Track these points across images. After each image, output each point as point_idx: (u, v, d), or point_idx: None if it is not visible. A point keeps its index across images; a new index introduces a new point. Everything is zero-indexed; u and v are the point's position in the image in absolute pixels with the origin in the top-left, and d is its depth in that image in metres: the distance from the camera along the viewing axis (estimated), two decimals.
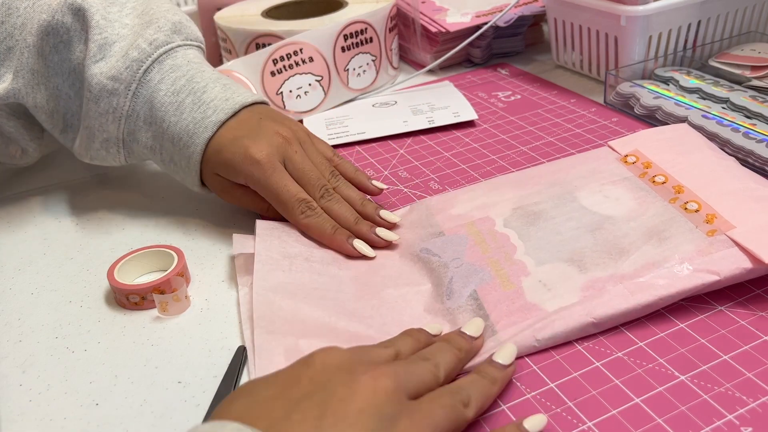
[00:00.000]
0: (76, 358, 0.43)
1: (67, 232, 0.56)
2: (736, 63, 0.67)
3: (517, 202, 0.50)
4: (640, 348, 0.39)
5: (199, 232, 0.54)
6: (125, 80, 0.51)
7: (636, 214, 0.46)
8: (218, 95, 0.51)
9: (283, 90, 0.68)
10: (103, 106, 0.51)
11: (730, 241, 0.41)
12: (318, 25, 0.71)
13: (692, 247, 0.42)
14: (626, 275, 0.41)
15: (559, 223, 0.46)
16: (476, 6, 0.83)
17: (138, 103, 0.51)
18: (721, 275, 0.40)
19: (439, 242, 0.47)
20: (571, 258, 0.43)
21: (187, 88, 0.51)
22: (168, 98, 0.51)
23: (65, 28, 0.52)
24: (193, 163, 0.50)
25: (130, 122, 0.52)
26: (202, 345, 0.43)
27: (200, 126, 0.50)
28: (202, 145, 0.50)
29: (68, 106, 0.54)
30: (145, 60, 0.51)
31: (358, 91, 0.75)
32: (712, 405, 0.35)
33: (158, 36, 0.51)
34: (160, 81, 0.51)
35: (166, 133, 0.51)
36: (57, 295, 0.49)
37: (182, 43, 0.53)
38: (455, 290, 0.43)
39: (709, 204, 0.45)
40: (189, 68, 0.52)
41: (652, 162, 0.51)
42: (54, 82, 0.53)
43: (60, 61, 0.53)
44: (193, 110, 0.50)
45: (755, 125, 0.57)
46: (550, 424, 0.35)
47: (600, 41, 0.70)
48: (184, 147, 0.50)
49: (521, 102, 0.71)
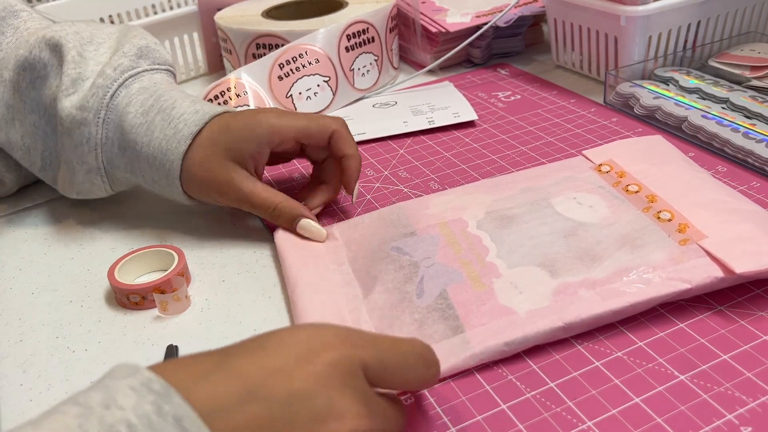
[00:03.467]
0: (76, 357, 0.43)
1: (67, 232, 0.56)
2: (735, 63, 0.67)
3: (491, 206, 0.49)
4: (640, 348, 0.39)
5: (199, 232, 0.54)
6: (93, 108, 0.50)
7: (609, 222, 0.46)
8: (187, 109, 0.50)
9: (292, 93, 0.68)
10: (76, 137, 0.50)
11: (701, 251, 0.42)
12: (318, 25, 0.71)
13: (664, 255, 0.42)
14: (598, 281, 0.41)
15: (532, 228, 0.46)
16: (476, 6, 0.83)
17: (110, 130, 0.50)
18: (693, 284, 0.40)
19: (411, 241, 0.47)
20: (544, 262, 0.43)
21: (156, 107, 0.50)
22: (137, 119, 0.50)
23: (42, 63, 0.51)
24: (172, 179, 0.49)
25: (106, 150, 0.51)
26: (202, 345, 0.43)
27: (173, 141, 0.49)
28: (179, 161, 0.49)
29: (46, 143, 0.53)
30: (111, 85, 0.50)
31: (363, 90, 0.75)
32: (712, 405, 0.35)
33: (123, 61, 0.51)
34: (128, 104, 0.50)
35: (141, 155, 0.50)
36: (57, 295, 0.49)
37: (149, 67, 0.52)
38: (425, 290, 0.43)
39: (681, 214, 0.45)
40: (156, 89, 0.51)
41: (626, 171, 0.51)
42: (30, 118, 0.53)
43: (37, 97, 0.52)
44: (164, 127, 0.49)
45: (755, 125, 0.57)
46: (551, 424, 0.35)
47: (600, 41, 0.70)
48: (160, 166, 0.49)
49: (521, 102, 0.71)
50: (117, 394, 0.24)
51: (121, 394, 0.24)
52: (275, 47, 0.72)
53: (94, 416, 0.24)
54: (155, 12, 0.95)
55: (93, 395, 0.25)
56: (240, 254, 0.51)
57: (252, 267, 0.50)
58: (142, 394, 0.24)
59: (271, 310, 0.45)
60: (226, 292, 0.47)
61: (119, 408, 0.24)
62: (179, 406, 0.24)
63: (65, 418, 0.23)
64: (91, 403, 0.24)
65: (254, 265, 0.50)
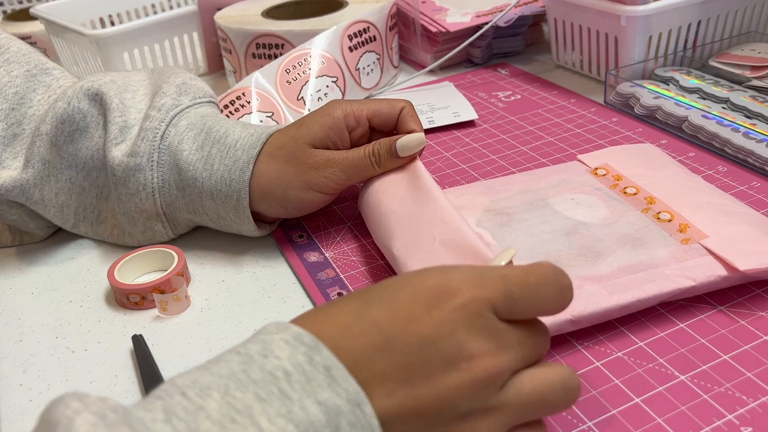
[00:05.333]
0: (76, 357, 0.43)
1: (67, 232, 0.56)
2: (736, 63, 0.67)
3: (489, 205, 0.49)
4: (640, 348, 0.39)
5: (199, 232, 0.54)
6: (145, 152, 0.48)
7: (610, 221, 0.46)
8: (241, 134, 0.49)
9: (303, 95, 0.68)
10: (132, 186, 0.49)
11: (703, 250, 0.42)
12: (318, 24, 0.71)
13: (667, 253, 0.42)
14: (603, 276, 0.41)
15: (532, 226, 0.46)
16: (476, 6, 0.83)
17: (165, 172, 0.49)
18: (697, 281, 0.40)
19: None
20: (547, 259, 0.43)
21: (210, 140, 0.49)
22: (193, 156, 0.48)
23: (82, 114, 0.50)
24: (241, 211, 0.48)
25: (164, 194, 0.49)
26: (202, 345, 0.43)
27: (234, 170, 0.47)
28: (245, 189, 0.47)
29: (81, 199, 0.52)
30: (159, 126, 0.49)
31: (368, 90, 0.75)
32: (712, 405, 0.35)
33: (166, 101, 0.50)
34: (180, 142, 0.49)
35: (204, 191, 0.48)
36: (57, 295, 0.49)
37: (191, 103, 0.51)
38: None
39: (681, 215, 0.45)
40: (204, 122, 0.50)
41: (622, 175, 0.51)
42: (67, 174, 0.51)
43: (75, 151, 0.51)
44: (222, 158, 0.48)
45: (755, 125, 0.57)
46: (551, 424, 0.35)
47: (600, 41, 0.70)
48: (225, 198, 0.48)
49: (521, 102, 0.71)
50: (273, 345, 0.28)
51: (276, 346, 0.28)
52: (275, 47, 0.72)
53: (255, 363, 0.27)
54: (155, 12, 0.95)
55: (251, 346, 0.28)
56: (240, 254, 0.51)
57: (252, 267, 0.50)
58: (295, 346, 0.28)
59: (271, 310, 0.45)
60: (226, 292, 0.47)
61: (276, 357, 0.27)
62: (328, 358, 0.27)
63: (230, 365, 0.27)
64: (251, 353, 0.28)
65: (254, 265, 0.50)
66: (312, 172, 0.48)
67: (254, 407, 0.26)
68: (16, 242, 0.54)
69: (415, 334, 0.29)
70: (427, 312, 0.29)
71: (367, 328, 0.29)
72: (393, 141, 0.49)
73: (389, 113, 0.50)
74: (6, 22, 0.98)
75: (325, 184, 0.48)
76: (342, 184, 0.49)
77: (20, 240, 0.54)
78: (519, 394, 0.30)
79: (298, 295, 0.46)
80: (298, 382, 0.27)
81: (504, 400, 0.29)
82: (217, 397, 0.26)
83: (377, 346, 0.28)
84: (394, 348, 0.28)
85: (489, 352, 0.29)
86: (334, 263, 0.49)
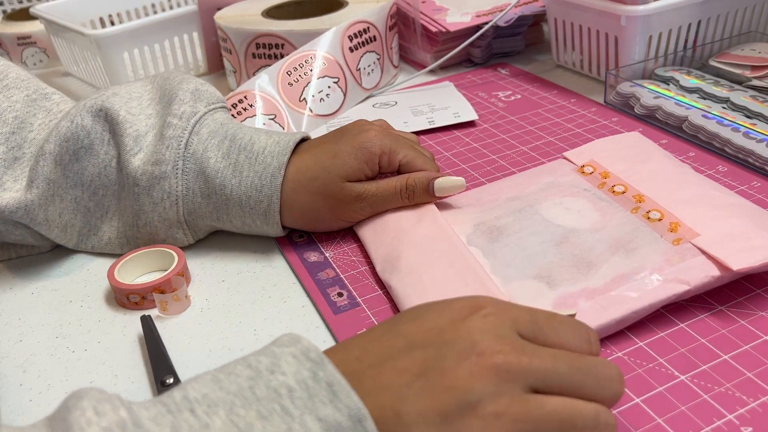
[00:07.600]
0: (76, 357, 0.43)
1: None
2: (736, 63, 0.67)
3: (478, 218, 0.49)
4: (640, 348, 0.39)
5: None
6: (170, 160, 0.48)
7: (600, 226, 0.46)
8: (267, 142, 0.49)
9: (305, 96, 0.68)
10: (157, 194, 0.49)
11: (696, 250, 0.41)
12: (318, 24, 0.71)
13: (660, 258, 0.42)
14: (597, 290, 0.40)
15: (523, 238, 0.46)
16: (476, 6, 0.83)
17: (189, 180, 0.49)
18: (691, 284, 0.40)
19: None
20: (539, 274, 0.43)
21: (235, 147, 0.49)
22: (220, 163, 0.49)
23: (86, 132, 0.49)
24: (271, 216, 0.48)
25: (187, 201, 0.49)
26: (202, 345, 0.43)
27: (265, 177, 0.48)
28: (277, 194, 0.48)
29: (86, 219, 0.51)
30: (183, 135, 0.49)
31: (369, 90, 0.75)
32: (713, 405, 0.35)
33: (185, 108, 0.50)
34: (205, 150, 0.49)
35: (232, 198, 0.48)
36: (57, 295, 0.49)
37: (206, 109, 0.51)
38: None
39: (671, 212, 0.45)
40: (225, 129, 0.50)
41: (609, 172, 0.51)
42: (72, 194, 0.50)
43: (80, 170, 0.50)
44: (251, 165, 0.48)
45: (755, 125, 0.56)
46: None
47: (600, 41, 0.70)
48: (255, 204, 0.48)
49: (521, 102, 0.71)
50: (281, 360, 0.29)
51: (284, 361, 0.29)
52: (275, 47, 0.72)
53: (261, 380, 0.28)
54: (155, 12, 0.95)
55: (262, 359, 0.29)
56: (240, 254, 0.51)
57: (252, 267, 0.50)
58: (301, 362, 0.29)
59: (271, 310, 0.45)
60: (226, 292, 0.47)
61: (282, 373, 0.28)
62: (331, 373, 0.28)
63: (239, 380, 0.28)
64: (260, 368, 0.29)
65: (254, 265, 0.50)
66: (342, 206, 0.49)
67: (255, 425, 0.27)
68: (13, 256, 0.54)
69: (437, 338, 0.30)
70: (451, 323, 0.31)
71: (394, 336, 0.31)
72: (431, 179, 0.49)
73: (421, 167, 0.51)
74: (6, 22, 0.98)
75: (353, 217, 0.50)
76: (369, 215, 0.51)
77: (17, 254, 0.54)
78: (542, 406, 0.29)
79: (298, 294, 0.46)
80: (300, 398, 0.27)
81: (522, 401, 0.29)
82: (222, 414, 0.27)
83: (401, 348, 0.30)
84: (415, 348, 0.30)
85: (503, 351, 0.30)
86: (334, 263, 0.49)
